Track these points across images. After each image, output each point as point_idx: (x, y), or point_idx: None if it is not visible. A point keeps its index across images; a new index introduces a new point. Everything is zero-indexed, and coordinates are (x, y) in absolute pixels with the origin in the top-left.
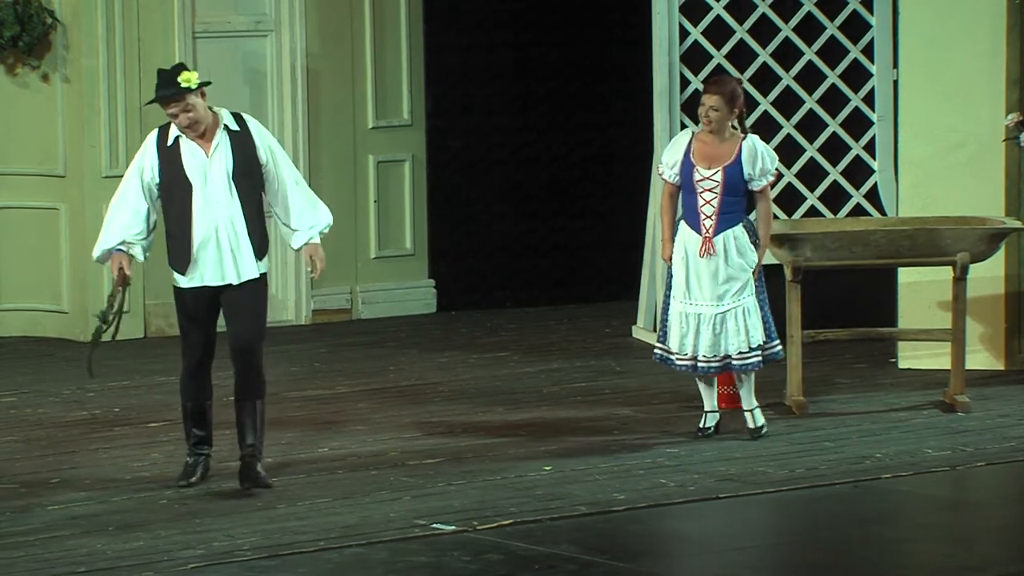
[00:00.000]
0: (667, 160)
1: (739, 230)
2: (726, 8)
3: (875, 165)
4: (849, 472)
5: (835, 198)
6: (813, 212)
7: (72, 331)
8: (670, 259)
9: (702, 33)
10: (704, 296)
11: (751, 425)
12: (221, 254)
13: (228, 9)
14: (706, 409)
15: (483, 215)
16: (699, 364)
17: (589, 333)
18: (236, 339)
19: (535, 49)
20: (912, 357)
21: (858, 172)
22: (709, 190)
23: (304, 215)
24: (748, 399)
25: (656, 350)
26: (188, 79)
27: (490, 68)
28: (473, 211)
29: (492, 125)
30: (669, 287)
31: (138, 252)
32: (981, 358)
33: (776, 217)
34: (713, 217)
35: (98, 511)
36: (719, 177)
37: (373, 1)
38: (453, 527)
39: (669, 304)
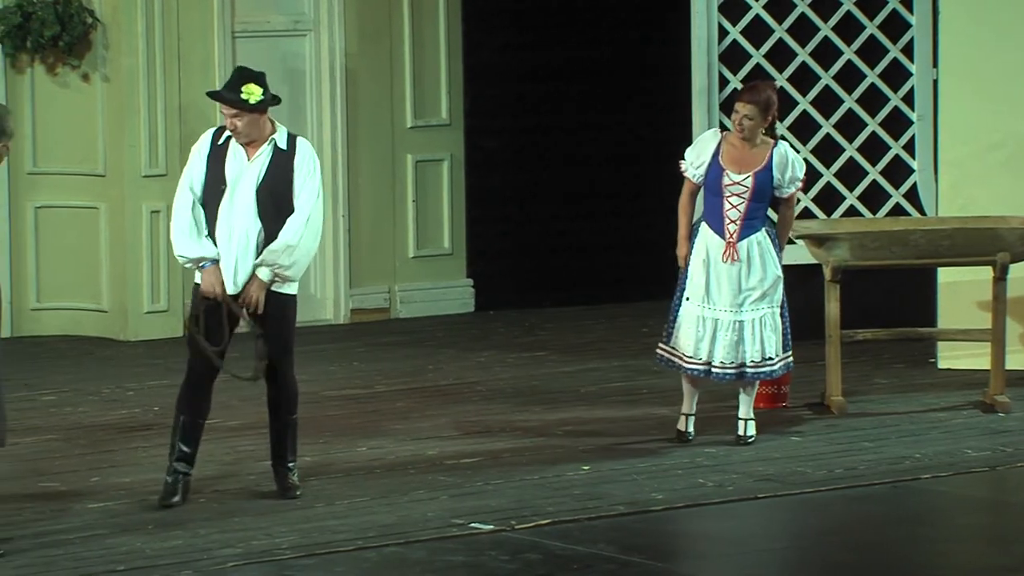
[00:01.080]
0: (692, 158)
1: (763, 236)
2: (765, 7)
3: (914, 165)
4: (888, 472)
5: (874, 198)
6: (852, 212)
7: (112, 330)
8: (685, 259)
9: (741, 32)
10: (723, 301)
11: (741, 432)
12: (233, 262)
13: (267, 8)
14: (685, 411)
15: (521, 215)
16: (714, 370)
17: (626, 333)
18: (272, 348)
19: (573, 48)
20: (951, 357)
21: (897, 172)
22: (737, 195)
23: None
24: (746, 409)
25: (660, 352)
26: (250, 93)
27: (528, 67)
28: (511, 211)
29: (530, 125)
30: (682, 288)
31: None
32: (1021, 358)
33: (814, 216)
34: (738, 222)
35: (137, 510)
36: (749, 183)
37: (412, 0)
38: (491, 526)
39: (680, 305)
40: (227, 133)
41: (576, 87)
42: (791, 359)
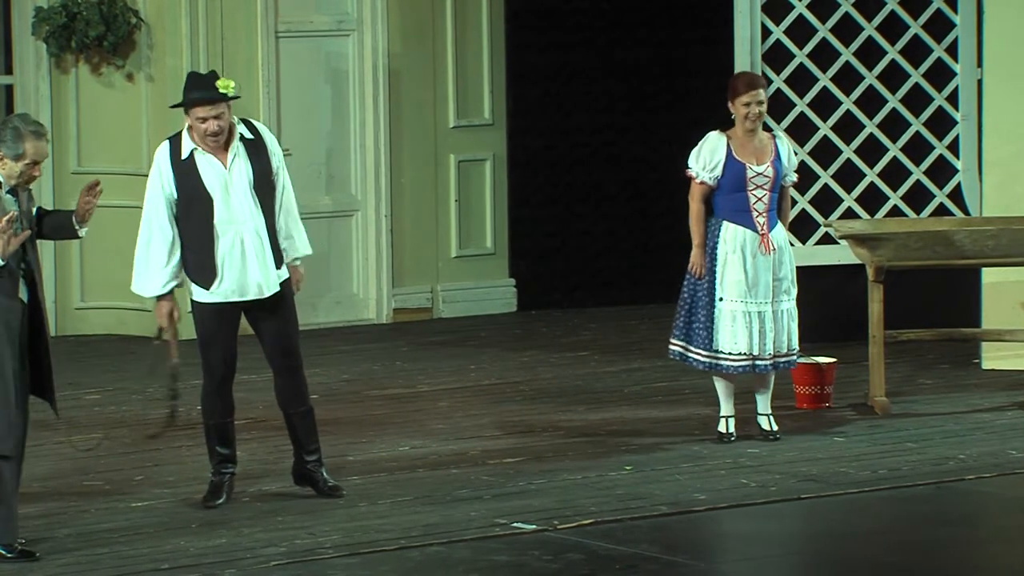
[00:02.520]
0: (705, 162)
1: (781, 228)
2: (808, 7)
3: (959, 165)
4: (932, 473)
5: (918, 198)
6: (896, 212)
7: (153, 330)
8: (702, 267)
9: (784, 32)
10: (763, 293)
11: (766, 428)
12: (247, 267)
13: (310, 9)
14: (725, 413)
15: (564, 215)
16: (758, 363)
17: (670, 333)
18: (275, 350)
19: (616, 48)
20: (996, 358)
21: (941, 172)
22: (761, 186)
23: (290, 234)
24: (764, 404)
25: (700, 358)
26: (227, 86)
27: (571, 67)
28: (554, 211)
29: (573, 124)
30: (707, 289)
31: (178, 284)
32: None
33: (858, 217)
34: (765, 214)
35: (181, 508)
36: (770, 172)
37: (455, 1)
38: (534, 526)
39: (714, 307)
40: (188, 147)
41: (619, 87)
42: (798, 351)
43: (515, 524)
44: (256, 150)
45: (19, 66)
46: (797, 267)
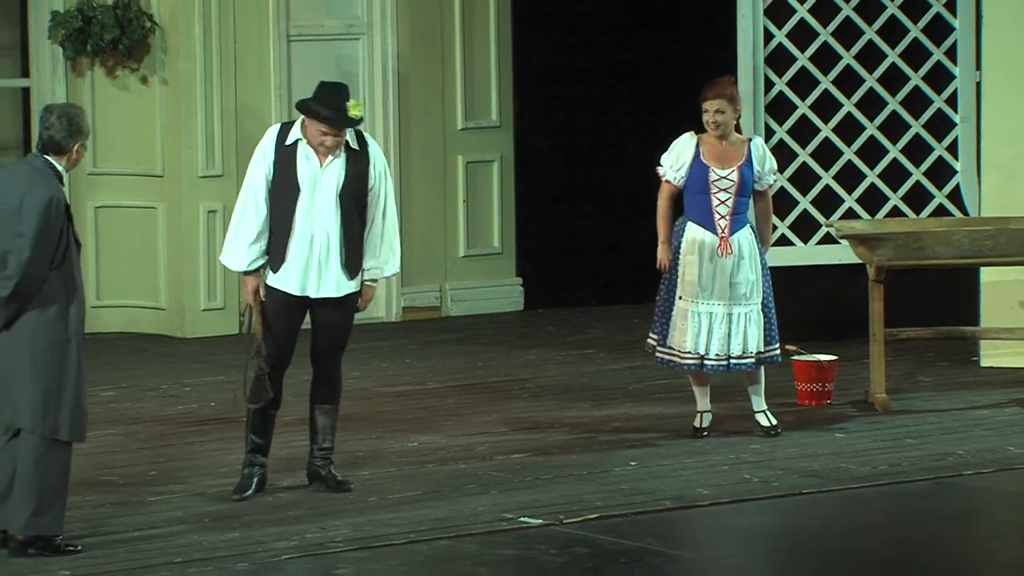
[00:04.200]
0: (670, 162)
1: (748, 231)
2: (810, 11)
3: (957, 166)
4: (931, 469)
5: (918, 198)
6: (896, 212)
7: (169, 327)
8: (667, 263)
9: (786, 35)
10: (716, 295)
11: (765, 423)
12: (307, 266)
13: (321, 13)
14: (700, 409)
15: (569, 215)
16: (707, 363)
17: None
18: (319, 349)
19: (620, 51)
20: (994, 355)
21: (941, 173)
22: (724, 190)
23: (375, 254)
24: (758, 401)
25: (659, 354)
26: (358, 112)
27: (576, 69)
28: (560, 211)
29: (578, 126)
30: (672, 287)
31: (264, 264)
32: None
33: (859, 217)
34: (728, 217)
35: (194, 503)
36: (735, 177)
37: (463, 4)
38: (540, 521)
39: (673, 304)
40: (295, 136)
41: (624, 89)
42: (776, 352)
43: (522, 518)
44: (356, 161)
45: (36, 69)
46: (800, 267)
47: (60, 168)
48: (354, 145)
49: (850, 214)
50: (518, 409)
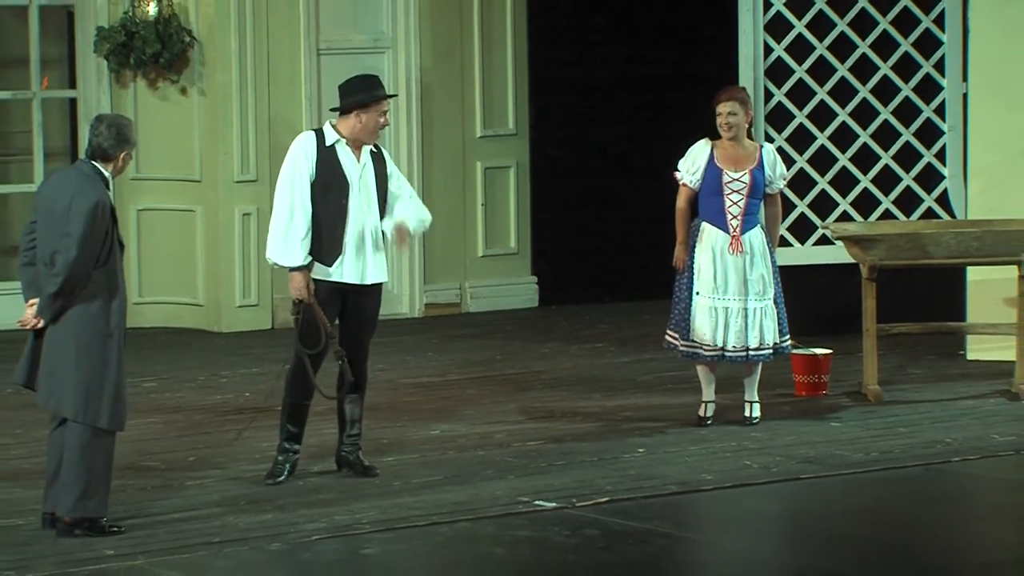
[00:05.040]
0: (687, 167)
1: (759, 231)
2: (807, 26)
3: (945, 172)
4: (921, 456)
5: (908, 202)
6: (887, 215)
7: (207, 322)
8: (683, 262)
9: (784, 49)
10: (731, 291)
11: (747, 414)
12: (364, 255)
13: (349, 28)
14: (705, 399)
15: (582, 218)
16: (727, 354)
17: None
18: (356, 336)
19: (630, 64)
20: (980, 349)
21: (929, 178)
22: (737, 191)
23: (409, 209)
24: (751, 392)
25: (678, 346)
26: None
27: (589, 81)
28: (572, 214)
29: (590, 134)
30: (690, 285)
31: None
32: None
33: (853, 219)
34: (739, 217)
35: (231, 487)
36: (747, 179)
37: (481, 19)
38: (554, 504)
39: (692, 301)
40: (331, 138)
41: (634, 101)
42: (787, 342)
43: (536, 502)
44: (377, 161)
45: (82, 81)
46: (798, 266)
47: (107, 174)
48: (373, 149)
49: (845, 217)
50: (533, 399)
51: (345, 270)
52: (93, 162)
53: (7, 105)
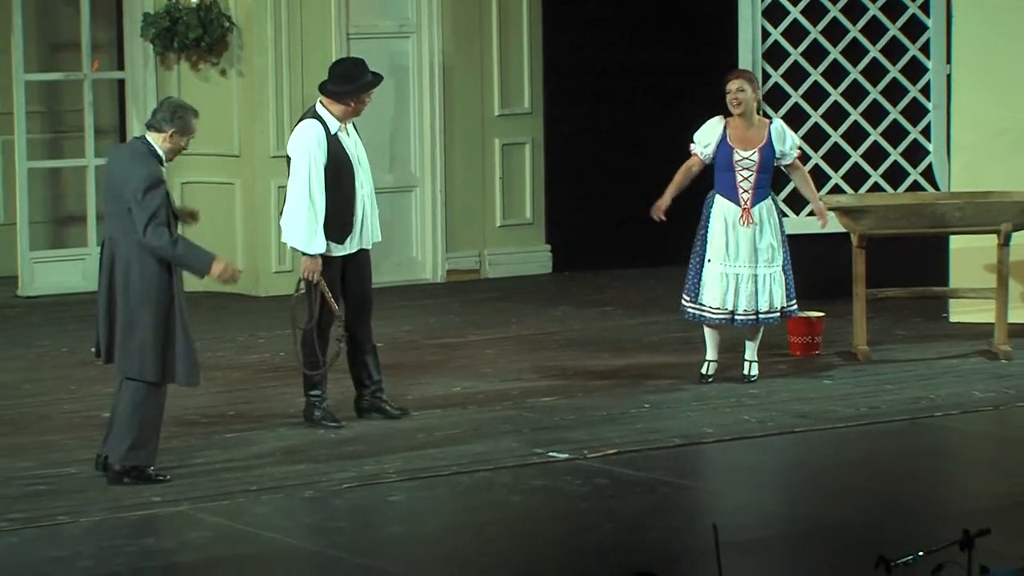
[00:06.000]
0: (701, 139)
1: (770, 203)
2: (802, 12)
3: (930, 148)
4: (907, 411)
5: (895, 176)
6: (876, 188)
7: (245, 287)
8: (663, 209)
9: (781, 34)
10: (742, 259)
11: (745, 372)
12: (370, 224)
13: (376, 14)
14: (708, 358)
15: (592, 191)
16: (737, 317)
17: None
18: (364, 296)
19: (638, 48)
20: (962, 312)
21: (915, 154)
22: (747, 168)
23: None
24: (752, 351)
25: (688, 308)
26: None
27: (599, 64)
28: (584, 187)
29: (601, 114)
30: (703, 252)
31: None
32: (1021, 313)
33: (844, 192)
34: (750, 191)
35: (267, 439)
36: (756, 158)
37: (500, 7)
38: (566, 455)
39: (703, 267)
40: (334, 126)
41: (641, 82)
42: (794, 306)
43: (550, 453)
44: (357, 134)
45: (129, 63)
46: (792, 235)
47: (160, 151)
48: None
49: (836, 189)
50: (547, 359)
51: (354, 242)
52: (147, 138)
53: (60, 85)
